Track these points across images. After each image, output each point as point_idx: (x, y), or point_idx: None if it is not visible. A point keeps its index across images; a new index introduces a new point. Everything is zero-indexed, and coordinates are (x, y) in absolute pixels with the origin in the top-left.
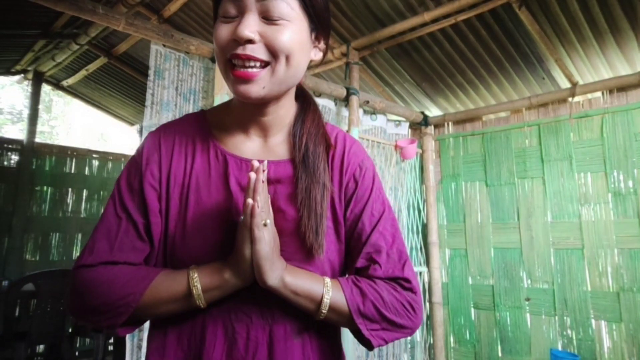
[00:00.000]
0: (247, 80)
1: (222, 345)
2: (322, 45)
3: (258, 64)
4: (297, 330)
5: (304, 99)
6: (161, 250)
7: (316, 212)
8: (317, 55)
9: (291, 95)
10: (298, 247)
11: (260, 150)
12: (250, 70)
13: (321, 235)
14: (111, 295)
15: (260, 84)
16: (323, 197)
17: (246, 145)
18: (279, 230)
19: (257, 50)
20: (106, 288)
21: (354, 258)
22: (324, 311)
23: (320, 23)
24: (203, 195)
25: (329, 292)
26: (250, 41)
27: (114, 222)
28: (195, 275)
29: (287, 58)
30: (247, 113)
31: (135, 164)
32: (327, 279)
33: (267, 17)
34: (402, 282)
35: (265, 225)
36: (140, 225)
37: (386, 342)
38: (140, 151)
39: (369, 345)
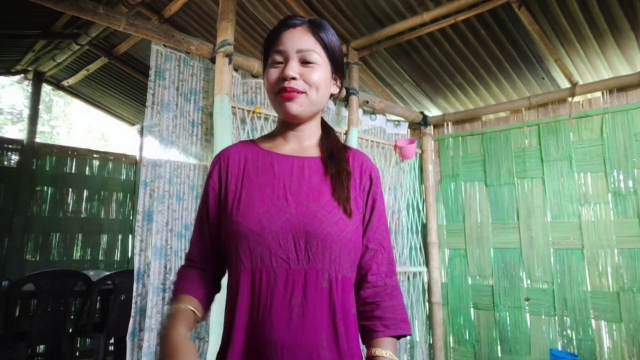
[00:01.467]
0: (291, 99)
1: (266, 287)
2: (338, 83)
3: (298, 94)
4: (327, 276)
5: (326, 127)
6: (214, 227)
7: (344, 186)
8: (335, 90)
9: (318, 120)
10: (335, 209)
11: (297, 150)
12: (293, 94)
13: (349, 203)
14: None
15: (299, 104)
16: (347, 178)
17: (285, 148)
18: (324, 202)
19: (298, 84)
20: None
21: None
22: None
23: (338, 67)
24: (253, 177)
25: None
26: (293, 78)
27: (197, 225)
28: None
29: (317, 89)
30: (288, 129)
31: (208, 178)
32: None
33: (304, 62)
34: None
35: None
36: (204, 227)
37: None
38: (212, 168)
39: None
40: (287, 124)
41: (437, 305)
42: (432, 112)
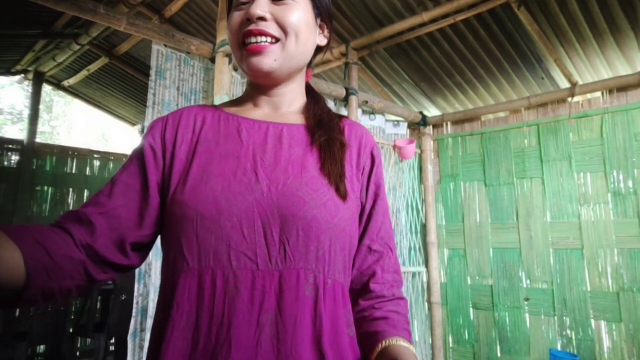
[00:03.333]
0: (259, 52)
1: (222, 297)
2: (326, 32)
3: (269, 39)
4: (312, 280)
5: (312, 93)
6: (156, 206)
7: (336, 159)
8: (322, 42)
9: (301, 81)
10: (327, 189)
11: (271, 116)
12: (262, 44)
13: (343, 182)
14: None
15: (271, 57)
16: (341, 149)
17: (256, 113)
18: (308, 178)
19: (269, 27)
20: None
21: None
22: None
23: (323, 8)
24: (212, 145)
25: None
26: (261, 19)
27: (108, 184)
28: None
29: (297, 35)
30: (259, 93)
31: (144, 138)
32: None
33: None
34: (398, 280)
35: None
36: (118, 181)
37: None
38: (147, 130)
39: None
40: (257, 87)
41: (436, 305)
42: (431, 112)
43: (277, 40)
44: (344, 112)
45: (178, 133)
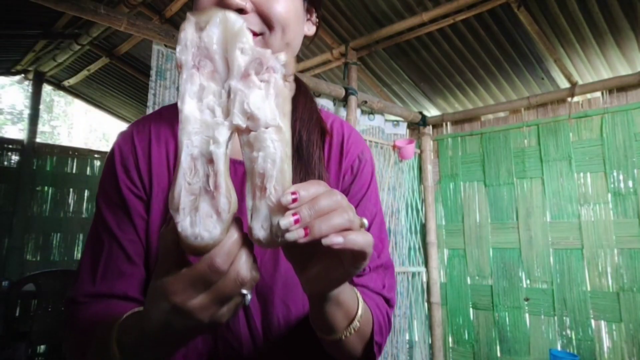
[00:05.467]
0: None
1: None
2: (314, 18)
3: None
4: None
5: (297, 90)
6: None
7: (312, 165)
8: (310, 30)
9: None
10: None
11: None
12: None
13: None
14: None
15: None
16: (318, 150)
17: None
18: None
19: (250, 21)
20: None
21: None
22: (355, 327)
23: None
24: None
25: (362, 301)
26: (241, 10)
27: (96, 245)
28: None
29: (284, 29)
30: None
31: (109, 174)
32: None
33: None
34: (386, 295)
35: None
36: (125, 242)
37: None
38: (112, 156)
39: None
40: None
41: (436, 306)
42: (431, 112)
43: (259, 35)
44: (343, 112)
45: (153, 173)
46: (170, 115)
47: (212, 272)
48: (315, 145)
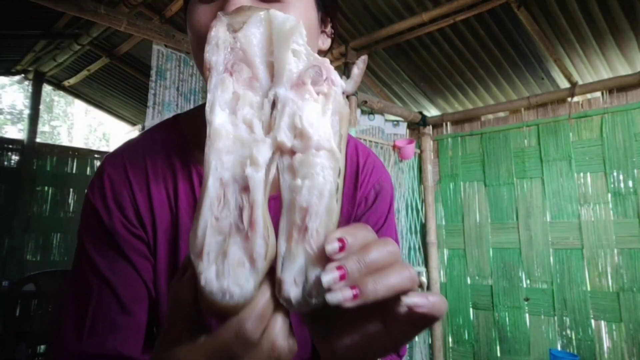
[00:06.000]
0: None
1: None
2: (329, 29)
3: None
4: None
5: None
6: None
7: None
8: (325, 44)
9: None
10: None
11: None
12: None
13: None
14: None
15: None
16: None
17: None
18: None
19: None
20: None
21: None
22: None
23: (329, 0)
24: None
25: None
26: None
27: (82, 292)
28: None
29: None
30: None
31: (98, 208)
32: None
33: None
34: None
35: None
36: (119, 288)
37: None
38: (102, 189)
39: None
40: None
41: None
42: (431, 112)
43: None
44: None
45: (156, 217)
46: (166, 141)
47: (240, 342)
48: None
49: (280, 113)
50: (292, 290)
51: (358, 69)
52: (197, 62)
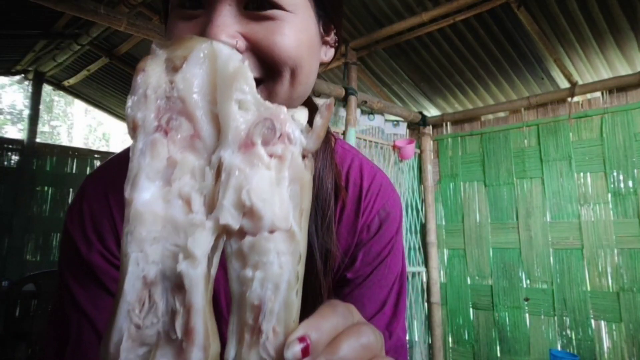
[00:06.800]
0: None
1: None
2: (332, 37)
3: None
4: None
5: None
6: None
7: (315, 289)
8: (327, 54)
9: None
10: None
11: None
12: None
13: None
14: None
15: None
16: (325, 269)
17: None
18: None
19: None
20: None
21: None
22: None
23: (332, 5)
24: None
25: None
26: None
27: (62, 326)
28: None
29: (294, 71)
30: None
31: (76, 238)
32: None
33: (254, 7)
34: None
35: None
36: (100, 324)
37: None
38: (80, 217)
39: None
40: None
41: (436, 306)
42: (431, 112)
43: (258, 83)
44: (343, 112)
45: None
46: None
47: None
48: (327, 205)
49: (224, 186)
50: None
51: (322, 117)
52: None
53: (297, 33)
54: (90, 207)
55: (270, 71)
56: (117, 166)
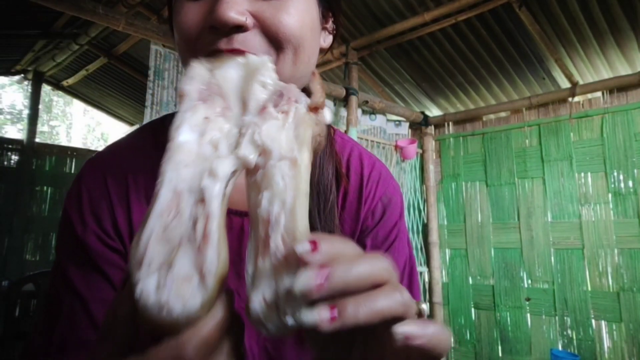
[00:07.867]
0: None
1: None
2: (330, 25)
3: None
4: None
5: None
6: None
7: (330, 219)
8: (326, 41)
9: None
10: None
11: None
12: None
13: None
14: None
15: None
16: (333, 202)
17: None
18: None
19: (251, 41)
20: None
21: None
22: None
23: None
24: None
25: None
26: (238, 28)
27: (54, 306)
28: None
29: (296, 49)
30: None
31: (74, 220)
32: None
33: None
34: None
35: None
36: (92, 304)
37: None
38: (78, 198)
39: None
40: None
41: (437, 305)
42: (433, 112)
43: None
44: (343, 112)
45: (134, 228)
46: (149, 146)
47: None
48: (328, 190)
49: (243, 135)
50: (260, 308)
51: (315, 84)
52: (184, 65)
53: (301, 13)
54: (89, 189)
55: (275, 47)
56: (117, 152)
